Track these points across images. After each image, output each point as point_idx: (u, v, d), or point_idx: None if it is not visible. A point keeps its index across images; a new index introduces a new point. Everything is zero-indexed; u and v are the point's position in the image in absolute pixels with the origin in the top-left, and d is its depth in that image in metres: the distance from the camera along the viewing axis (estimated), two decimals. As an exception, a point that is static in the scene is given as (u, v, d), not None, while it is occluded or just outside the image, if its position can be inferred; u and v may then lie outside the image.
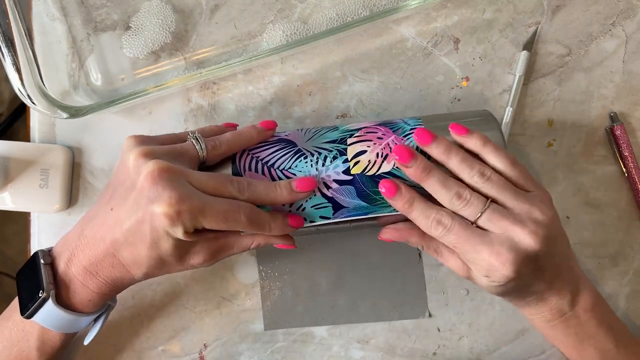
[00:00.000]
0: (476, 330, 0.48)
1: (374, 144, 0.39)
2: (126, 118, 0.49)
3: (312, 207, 0.38)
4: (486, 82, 0.48)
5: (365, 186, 0.38)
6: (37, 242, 0.49)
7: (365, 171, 0.38)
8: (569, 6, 0.48)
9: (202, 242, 0.37)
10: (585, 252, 0.48)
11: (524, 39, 0.48)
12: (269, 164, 0.39)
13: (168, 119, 0.49)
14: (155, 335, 0.48)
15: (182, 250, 0.36)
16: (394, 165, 0.38)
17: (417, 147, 0.39)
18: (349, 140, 0.39)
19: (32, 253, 0.49)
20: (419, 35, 0.48)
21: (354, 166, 0.38)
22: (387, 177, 0.38)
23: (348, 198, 0.38)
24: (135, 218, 0.35)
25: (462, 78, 0.48)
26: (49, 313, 0.38)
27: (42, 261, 0.38)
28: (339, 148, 0.39)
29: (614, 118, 0.48)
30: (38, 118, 0.49)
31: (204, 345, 0.48)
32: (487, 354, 0.48)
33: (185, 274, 0.48)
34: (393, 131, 0.40)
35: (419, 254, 0.48)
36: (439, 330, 0.48)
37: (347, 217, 0.39)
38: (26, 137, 0.50)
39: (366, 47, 0.48)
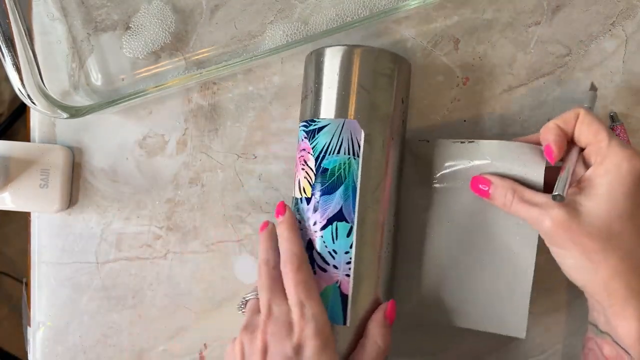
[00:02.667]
0: (476, 330, 0.48)
1: (295, 172, 0.43)
2: (126, 118, 0.49)
3: (333, 243, 0.40)
4: (486, 82, 0.48)
5: (323, 185, 0.40)
6: (37, 242, 0.49)
7: (312, 182, 0.41)
8: (569, 6, 0.48)
9: None
10: (585, 252, 0.48)
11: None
12: None
13: (168, 119, 0.49)
14: (155, 335, 0.48)
15: None
16: (315, 166, 0.41)
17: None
18: (293, 195, 0.43)
19: (32, 253, 0.49)
20: (419, 35, 0.48)
21: (304, 192, 0.41)
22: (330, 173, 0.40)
23: (333, 204, 0.40)
24: None
25: (462, 78, 0.48)
26: None
27: None
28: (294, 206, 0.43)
29: (614, 118, 0.47)
30: (38, 118, 0.49)
31: (204, 345, 0.48)
32: (487, 353, 0.48)
33: (185, 274, 0.48)
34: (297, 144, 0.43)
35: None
36: (439, 330, 0.48)
37: (353, 208, 0.40)
38: (26, 137, 0.50)
39: (366, 47, 0.48)
